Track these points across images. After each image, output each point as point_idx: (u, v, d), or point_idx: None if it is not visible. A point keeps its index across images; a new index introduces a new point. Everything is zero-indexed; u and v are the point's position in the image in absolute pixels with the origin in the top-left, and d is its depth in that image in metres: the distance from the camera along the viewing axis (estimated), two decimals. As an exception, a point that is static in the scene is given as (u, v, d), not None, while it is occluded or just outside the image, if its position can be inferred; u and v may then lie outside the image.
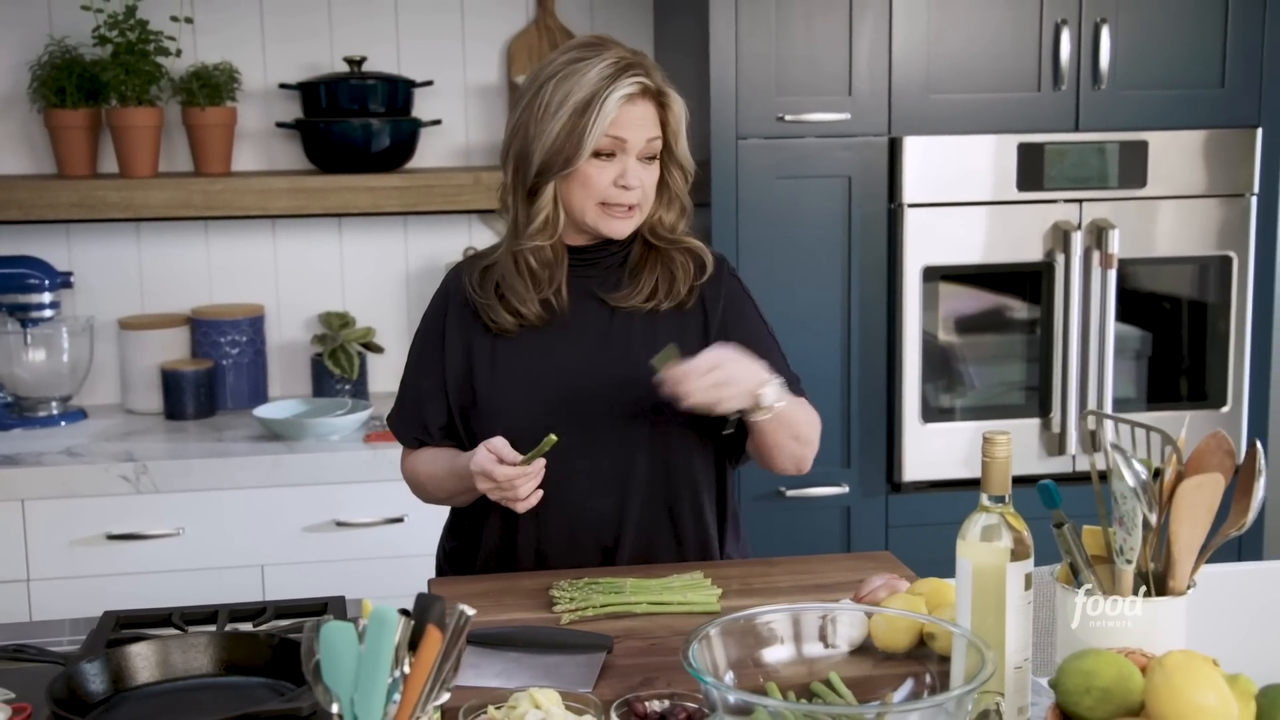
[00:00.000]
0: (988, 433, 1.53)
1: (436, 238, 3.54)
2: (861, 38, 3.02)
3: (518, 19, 3.52)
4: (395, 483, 2.99)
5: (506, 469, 1.90)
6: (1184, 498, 1.40)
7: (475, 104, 3.53)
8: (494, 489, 1.92)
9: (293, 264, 3.52)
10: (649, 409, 2.00)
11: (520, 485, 1.90)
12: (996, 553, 1.52)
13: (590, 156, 1.97)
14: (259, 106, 3.46)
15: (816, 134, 3.03)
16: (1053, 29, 3.07)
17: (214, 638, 1.65)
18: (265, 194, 3.20)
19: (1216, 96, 3.16)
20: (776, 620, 1.57)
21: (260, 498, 2.99)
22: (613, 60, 1.97)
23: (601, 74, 1.96)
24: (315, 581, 2.99)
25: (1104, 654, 1.36)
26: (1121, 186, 3.12)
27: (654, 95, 1.99)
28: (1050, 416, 3.15)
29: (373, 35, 3.46)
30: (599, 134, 1.94)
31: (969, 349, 3.19)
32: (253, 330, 3.42)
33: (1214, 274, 3.20)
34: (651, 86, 1.98)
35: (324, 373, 3.42)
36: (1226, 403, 3.23)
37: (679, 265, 2.06)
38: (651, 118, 1.99)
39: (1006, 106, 3.09)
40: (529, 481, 1.91)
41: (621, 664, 1.69)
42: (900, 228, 3.06)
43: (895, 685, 1.55)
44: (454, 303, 2.10)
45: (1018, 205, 3.09)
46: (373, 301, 3.55)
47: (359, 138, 3.27)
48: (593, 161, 1.97)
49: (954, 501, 3.17)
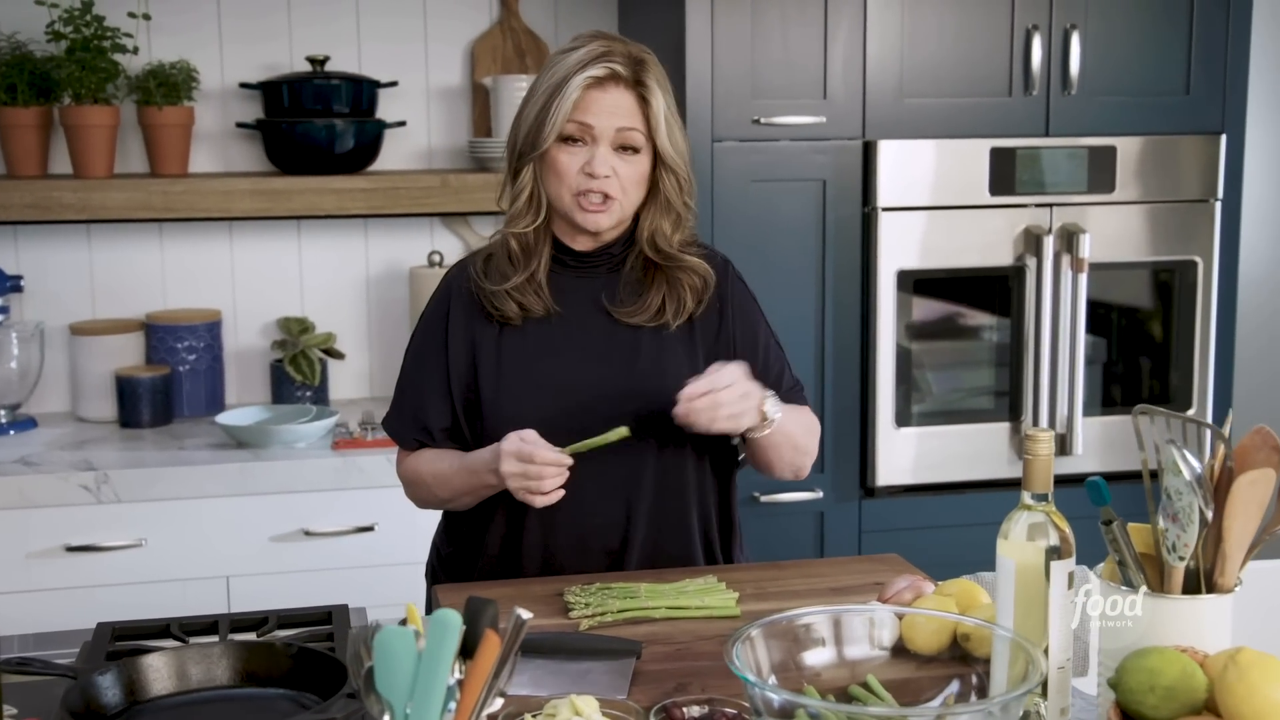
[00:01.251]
0: (1029, 430, 1.51)
1: (398, 242, 3.47)
2: (836, 41, 3.01)
3: (481, 20, 3.48)
4: (365, 491, 2.95)
5: (546, 454, 1.85)
6: (1239, 493, 1.40)
7: (438, 106, 3.47)
8: (520, 476, 1.86)
9: (250, 268, 3.43)
10: (657, 417, 1.97)
11: (550, 477, 1.86)
12: (1040, 552, 1.50)
13: (560, 142, 1.96)
14: (216, 107, 3.37)
15: (791, 137, 3.02)
16: (1024, 35, 3.08)
17: (230, 647, 1.58)
18: (227, 196, 3.12)
19: (1182, 103, 3.19)
20: (818, 621, 1.54)
21: (225, 507, 2.90)
22: (591, 48, 1.96)
23: (578, 60, 1.95)
24: (283, 593, 2.92)
25: (1166, 652, 1.35)
26: (1091, 191, 3.14)
27: (631, 84, 1.95)
28: (1022, 420, 3.17)
29: (333, 36, 3.39)
30: (562, 116, 1.94)
31: (942, 353, 3.19)
32: (210, 336, 3.33)
33: (1179, 278, 3.24)
34: (624, 74, 1.94)
35: (284, 379, 3.34)
36: (1192, 405, 3.26)
37: (686, 286, 2.03)
38: (626, 107, 1.95)
39: (979, 111, 3.09)
40: (559, 476, 1.86)
41: (650, 670, 1.65)
42: (874, 232, 3.05)
43: (938, 688, 1.53)
44: (457, 299, 2.05)
45: (990, 209, 3.10)
46: (332, 307, 3.48)
47: (323, 139, 3.20)
48: (563, 147, 1.96)
49: (926, 506, 3.17)
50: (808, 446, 2.05)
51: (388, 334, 3.50)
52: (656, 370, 2.00)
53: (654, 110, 1.96)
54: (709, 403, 1.86)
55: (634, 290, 2.04)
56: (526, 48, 3.45)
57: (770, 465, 2.04)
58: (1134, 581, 1.47)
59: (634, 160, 1.98)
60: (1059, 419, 3.16)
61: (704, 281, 2.04)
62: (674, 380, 1.98)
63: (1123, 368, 3.29)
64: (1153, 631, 1.44)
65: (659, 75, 1.99)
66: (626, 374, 2.00)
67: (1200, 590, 1.45)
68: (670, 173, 2.00)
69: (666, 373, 1.99)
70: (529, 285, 2.01)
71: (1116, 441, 3.21)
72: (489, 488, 1.97)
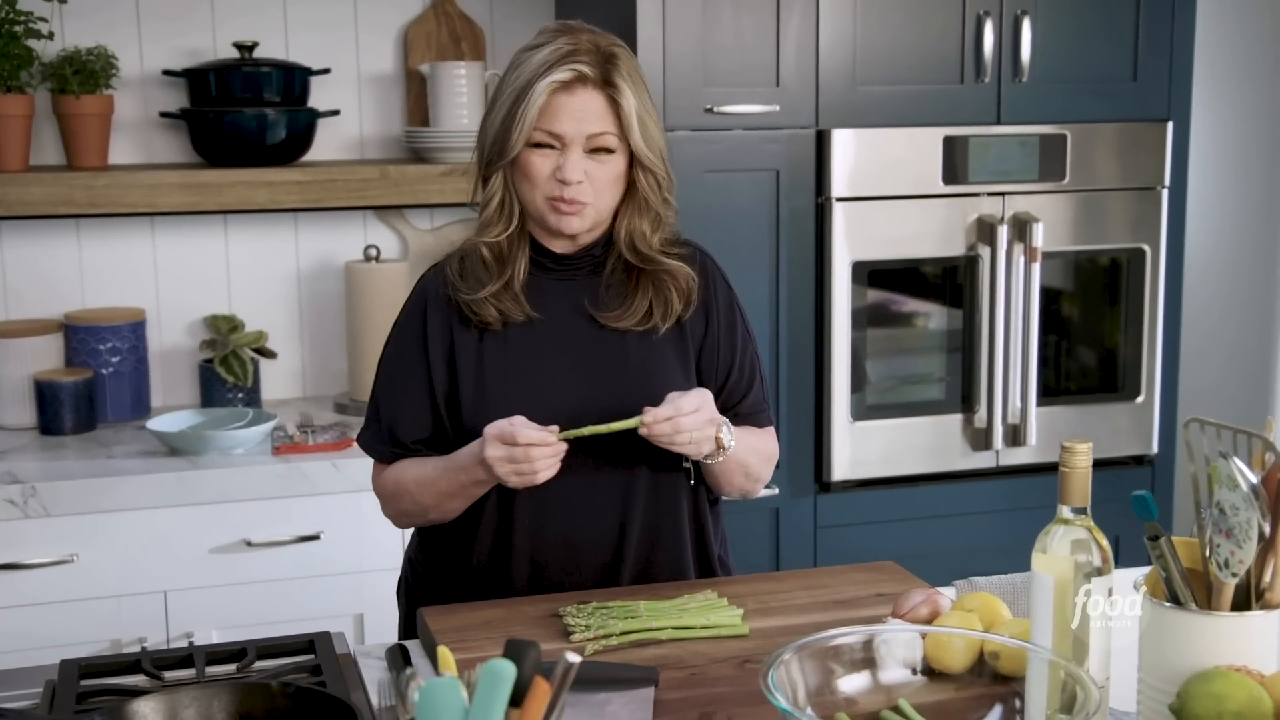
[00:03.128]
0: (1066, 441, 1.45)
1: (330, 235, 3.34)
2: (789, 28, 2.94)
3: (413, 5, 3.35)
4: (309, 498, 2.83)
5: (532, 433, 1.76)
6: (1297, 507, 1.35)
7: (370, 94, 3.34)
8: (506, 460, 1.77)
9: (174, 264, 3.27)
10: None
11: (539, 458, 1.76)
12: (1080, 568, 1.45)
13: (530, 147, 1.87)
14: (135, 95, 3.20)
15: (744, 126, 2.94)
16: (975, 21, 3.04)
17: (224, 689, 1.47)
18: (154, 189, 2.96)
19: (1129, 90, 3.18)
20: (851, 643, 1.48)
21: (161, 518, 2.76)
22: (557, 47, 1.86)
23: (543, 61, 1.86)
24: (225, 607, 2.79)
25: (1230, 676, 1.31)
26: (1042, 179, 3.11)
27: (599, 85, 1.86)
28: (975, 411, 3.14)
29: (259, 21, 3.24)
30: (529, 124, 1.85)
31: (896, 345, 3.15)
32: (134, 336, 3.17)
33: (1128, 265, 3.23)
34: (591, 75, 1.85)
35: (214, 380, 3.19)
36: (1141, 393, 3.26)
37: (671, 288, 1.94)
38: (597, 109, 1.86)
39: (931, 99, 3.05)
40: (551, 456, 1.77)
41: (668, 698, 1.57)
42: (828, 222, 2.99)
43: (977, 712, 1.47)
44: (433, 304, 1.95)
45: (943, 199, 3.06)
46: (261, 304, 3.33)
47: (253, 129, 3.06)
48: (533, 151, 1.87)
49: (881, 500, 3.13)
50: (760, 473, 2.00)
51: (320, 331, 3.37)
52: (647, 376, 1.92)
53: (625, 110, 1.87)
54: (671, 427, 1.80)
55: (618, 294, 1.95)
56: (462, 33, 3.33)
57: (718, 486, 2.01)
58: (1183, 598, 1.42)
59: (608, 161, 1.88)
60: (1012, 409, 3.13)
61: (688, 284, 1.96)
62: (666, 385, 1.90)
63: (1073, 357, 3.27)
64: (1203, 649, 1.39)
65: (631, 69, 1.90)
66: (616, 380, 1.91)
67: (1250, 606, 1.40)
68: (647, 171, 1.91)
69: (658, 378, 1.91)
70: (506, 292, 1.92)
71: (1069, 431, 3.19)
72: (477, 484, 1.87)
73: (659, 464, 1.92)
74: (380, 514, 2.83)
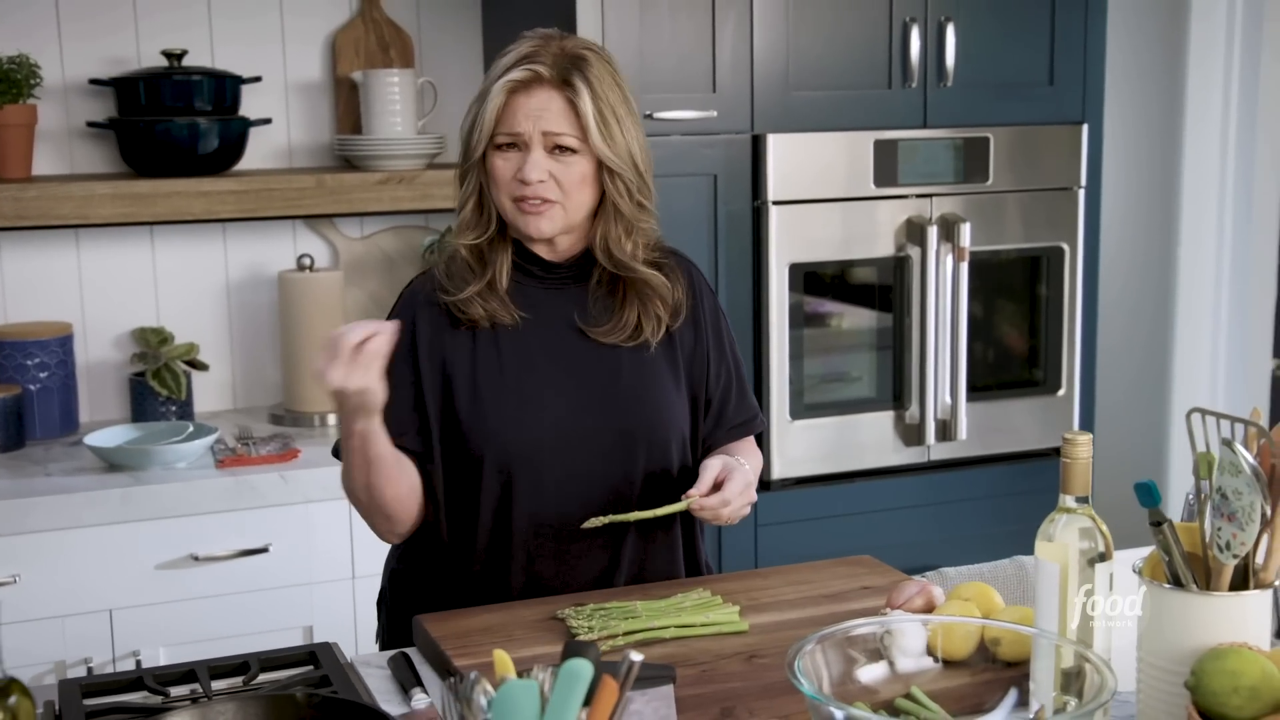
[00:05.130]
0: (1068, 434, 1.51)
1: (260, 245, 3.30)
2: (724, 35, 2.99)
3: (339, 13, 3.33)
4: (256, 511, 2.81)
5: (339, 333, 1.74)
6: (1295, 490, 1.43)
7: (297, 102, 3.31)
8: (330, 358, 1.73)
9: (100, 277, 3.21)
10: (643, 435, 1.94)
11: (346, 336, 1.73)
12: (1083, 555, 1.51)
13: (494, 149, 1.90)
14: (57, 104, 3.14)
15: (682, 131, 2.99)
16: (901, 27, 3.12)
17: (251, 702, 1.46)
18: (86, 201, 2.90)
19: (1046, 94, 3.29)
20: (871, 633, 1.53)
21: (105, 535, 2.71)
22: (520, 49, 1.91)
23: (505, 64, 1.90)
24: (171, 624, 2.75)
25: (1243, 653, 1.37)
26: (967, 181, 3.21)
27: (557, 85, 1.88)
28: (907, 409, 3.22)
29: (183, 28, 3.19)
30: (488, 124, 1.89)
31: (831, 344, 3.21)
32: (62, 350, 3.10)
33: (1048, 264, 3.33)
34: (548, 75, 1.87)
35: (145, 394, 3.14)
36: (1061, 387, 3.37)
37: (655, 301, 1.97)
38: (554, 109, 1.88)
39: (862, 104, 3.12)
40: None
41: (686, 695, 1.60)
42: (765, 225, 3.05)
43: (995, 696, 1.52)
44: (422, 309, 1.95)
45: (875, 201, 3.13)
46: (190, 315, 3.28)
47: (184, 138, 3.01)
48: (498, 153, 1.90)
49: (819, 497, 3.19)
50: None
51: (251, 342, 3.33)
52: (641, 390, 1.95)
53: (582, 111, 1.88)
54: (718, 500, 1.87)
55: (605, 306, 1.97)
56: (391, 40, 3.32)
57: None
58: (1184, 580, 1.48)
59: (571, 161, 1.90)
60: (942, 405, 3.22)
61: (670, 294, 1.99)
62: (659, 399, 1.95)
63: (999, 353, 3.37)
64: (1203, 628, 1.46)
65: (599, 73, 1.91)
66: (610, 393, 1.94)
67: (1246, 586, 1.48)
68: (614, 175, 1.92)
69: (651, 391, 1.95)
70: (491, 293, 1.93)
71: (995, 425, 3.29)
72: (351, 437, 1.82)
73: (654, 473, 1.95)
74: (328, 524, 2.85)
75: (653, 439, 1.94)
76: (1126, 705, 1.60)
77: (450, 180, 3.06)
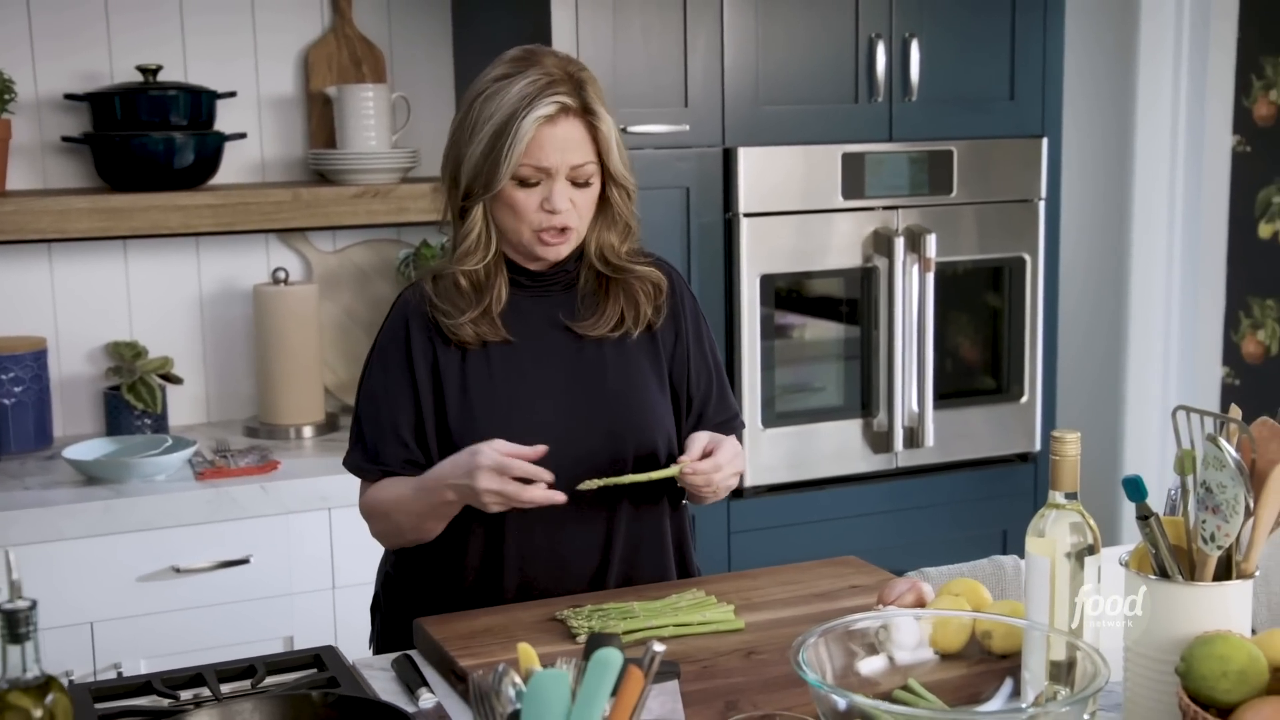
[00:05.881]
0: (1056, 432, 1.57)
1: (234, 259, 3.32)
2: (696, 50, 3.05)
3: (311, 28, 3.35)
4: (237, 522, 2.83)
5: (528, 465, 1.81)
6: (1276, 482, 1.49)
7: (270, 116, 3.33)
8: (499, 492, 1.81)
9: (73, 291, 3.22)
10: (631, 436, 1.98)
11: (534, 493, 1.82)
12: (1074, 549, 1.57)
13: (514, 181, 1.90)
14: (29, 119, 3.14)
15: (655, 145, 3.04)
16: (868, 43, 3.19)
17: (269, 702, 1.49)
18: (63, 215, 2.91)
19: (1007, 108, 3.37)
20: (870, 627, 1.58)
21: (86, 548, 2.72)
22: (533, 79, 1.90)
23: (522, 93, 1.89)
24: (152, 635, 2.76)
25: (1230, 639, 1.43)
26: (932, 193, 3.28)
27: (580, 114, 1.92)
28: (875, 416, 3.28)
29: (157, 45, 3.20)
30: (515, 160, 1.88)
31: (801, 353, 3.27)
32: (37, 365, 3.10)
33: (1010, 274, 3.41)
34: (574, 105, 1.90)
35: (120, 408, 3.14)
36: (1024, 394, 3.45)
37: (640, 292, 2.02)
38: (578, 138, 1.91)
39: (830, 118, 3.19)
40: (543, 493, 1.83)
41: (691, 690, 1.64)
42: (736, 237, 3.11)
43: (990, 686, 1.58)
44: (415, 321, 1.98)
45: (842, 213, 3.20)
46: (164, 330, 3.29)
47: (160, 152, 3.03)
48: (518, 187, 1.91)
49: (790, 504, 3.25)
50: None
51: (225, 355, 3.35)
52: (625, 387, 2.00)
53: (604, 135, 1.93)
54: (710, 465, 1.90)
55: (591, 302, 2.02)
56: (363, 55, 3.35)
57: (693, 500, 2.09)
58: (1170, 571, 1.55)
59: (589, 189, 1.95)
60: (909, 413, 3.28)
61: (656, 288, 2.04)
62: (643, 395, 1.98)
63: (963, 361, 3.44)
64: (1188, 617, 1.52)
65: (598, 92, 1.96)
66: (596, 393, 1.98)
67: (1229, 576, 1.54)
68: (620, 187, 1.98)
69: (635, 388, 1.99)
70: (484, 318, 1.96)
71: (961, 432, 3.36)
72: (450, 505, 1.89)
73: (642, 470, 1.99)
74: (309, 534, 2.87)
75: (640, 439, 1.98)
76: (1113, 695, 1.65)
77: (425, 194, 3.15)
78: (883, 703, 1.43)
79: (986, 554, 2.27)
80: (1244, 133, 3.52)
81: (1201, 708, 1.42)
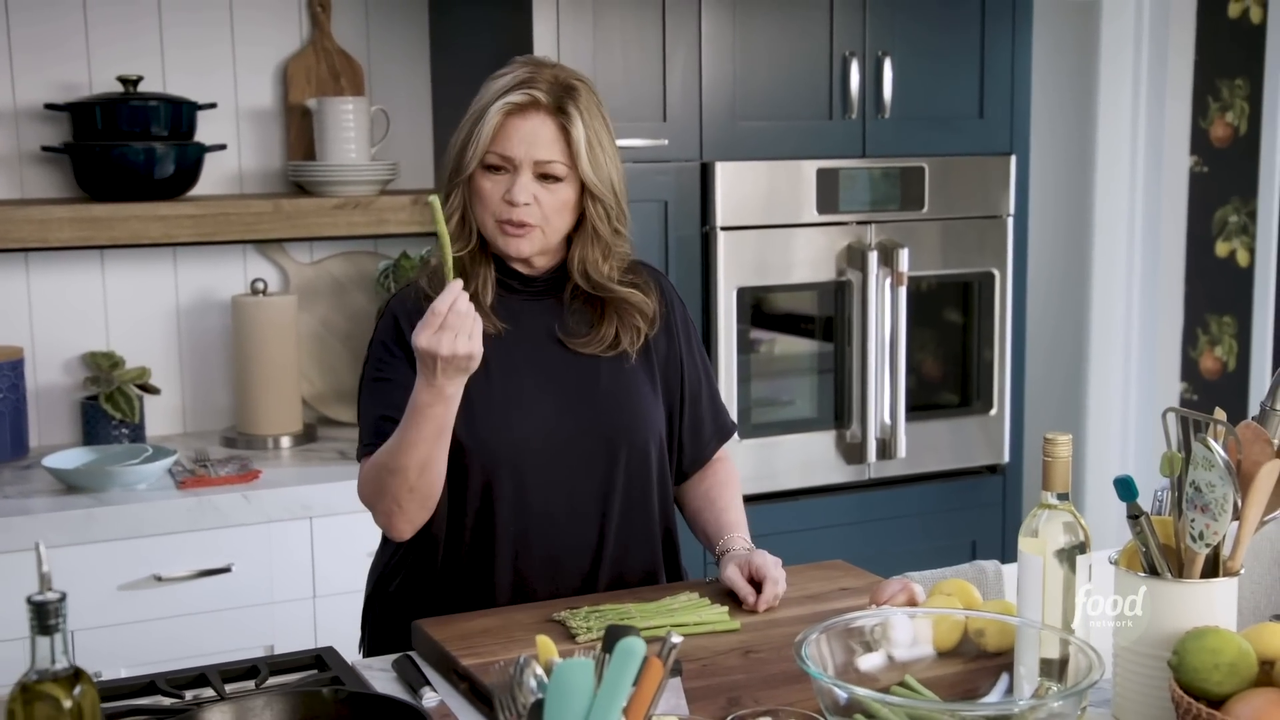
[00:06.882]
0: (1048, 434, 1.62)
1: (211, 270, 3.33)
2: (674, 66, 3.09)
3: (290, 41, 3.37)
4: (219, 530, 2.84)
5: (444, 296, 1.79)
6: (1262, 482, 1.54)
7: (249, 128, 3.35)
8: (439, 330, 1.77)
9: (50, 301, 3.21)
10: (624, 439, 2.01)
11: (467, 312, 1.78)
12: (1067, 547, 1.61)
13: (483, 169, 1.95)
14: (7, 129, 3.14)
15: (634, 159, 3.07)
16: (842, 61, 3.25)
17: (282, 698, 1.51)
18: (44, 224, 2.92)
19: (976, 126, 3.44)
20: (871, 624, 1.62)
21: (66, 557, 2.71)
22: (517, 74, 1.96)
23: (501, 86, 1.96)
24: (133, 644, 2.76)
25: (1221, 633, 1.48)
26: (904, 209, 3.33)
27: (552, 112, 1.96)
28: (849, 428, 3.33)
29: (136, 56, 3.21)
30: (482, 145, 1.94)
31: (776, 366, 3.32)
32: (14, 375, 3.09)
33: (980, 288, 3.47)
34: (545, 101, 1.94)
35: (98, 418, 3.14)
36: (993, 407, 3.51)
37: (635, 315, 2.05)
38: (548, 135, 1.95)
39: (805, 134, 3.24)
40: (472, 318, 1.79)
41: (693, 688, 1.67)
42: (713, 250, 3.15)
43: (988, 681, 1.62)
44: (405, 319, 1.99)
45: (817, 227, 3.25)
46: (140, 340, 3.29)
47: (140, 163, 3.04)
48: (485, 174, 1.96)
49: (765, 514, 3.28)
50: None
51: (202, 366, 3.35)
52: (620, 397, 2.03)
53: (574, 138, 1.95)
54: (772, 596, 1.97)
55: (583, 319, 2.05)
56: (341, 68, 3.37)
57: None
58: (1159, 569, 1.59)
59: (556, 188, 1.97)
60: (882, 425, 3.33)
61: (648, 310, 2.07)
62: (638, 406, 2.02)
63: (935, 374, 3.50)
64: (1176, 613, 1.57)
65: (588, 103, 1.99)
66: (591, 401, 2.01)
67: (1216, 574, 1.59)
68: (596, 201, 1.99)
69: (631, 399, 2.03)
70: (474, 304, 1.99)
71: (932, 443, 3.42)
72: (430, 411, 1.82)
73: (633, 476, 2.03)
74: (290, 543, 2.88)
75: (633, 442, 2.01)
76: (1103, 690, 1.70)
77: (405, 205, 3.19)
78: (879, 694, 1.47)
79: (955, 564, 2.32)
80: (1201, 153, 3.61)
81: (1193, 699, 1.47)
